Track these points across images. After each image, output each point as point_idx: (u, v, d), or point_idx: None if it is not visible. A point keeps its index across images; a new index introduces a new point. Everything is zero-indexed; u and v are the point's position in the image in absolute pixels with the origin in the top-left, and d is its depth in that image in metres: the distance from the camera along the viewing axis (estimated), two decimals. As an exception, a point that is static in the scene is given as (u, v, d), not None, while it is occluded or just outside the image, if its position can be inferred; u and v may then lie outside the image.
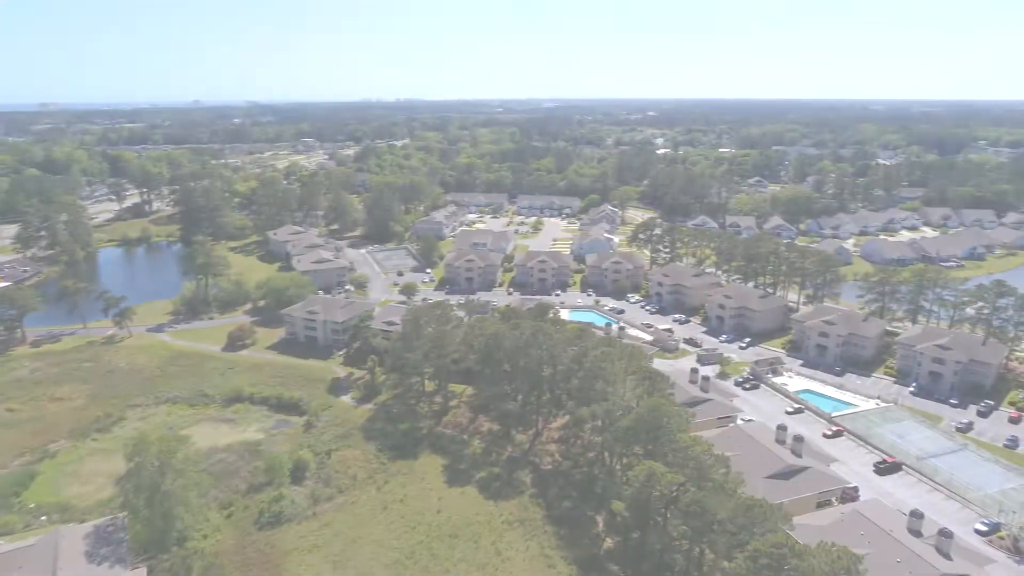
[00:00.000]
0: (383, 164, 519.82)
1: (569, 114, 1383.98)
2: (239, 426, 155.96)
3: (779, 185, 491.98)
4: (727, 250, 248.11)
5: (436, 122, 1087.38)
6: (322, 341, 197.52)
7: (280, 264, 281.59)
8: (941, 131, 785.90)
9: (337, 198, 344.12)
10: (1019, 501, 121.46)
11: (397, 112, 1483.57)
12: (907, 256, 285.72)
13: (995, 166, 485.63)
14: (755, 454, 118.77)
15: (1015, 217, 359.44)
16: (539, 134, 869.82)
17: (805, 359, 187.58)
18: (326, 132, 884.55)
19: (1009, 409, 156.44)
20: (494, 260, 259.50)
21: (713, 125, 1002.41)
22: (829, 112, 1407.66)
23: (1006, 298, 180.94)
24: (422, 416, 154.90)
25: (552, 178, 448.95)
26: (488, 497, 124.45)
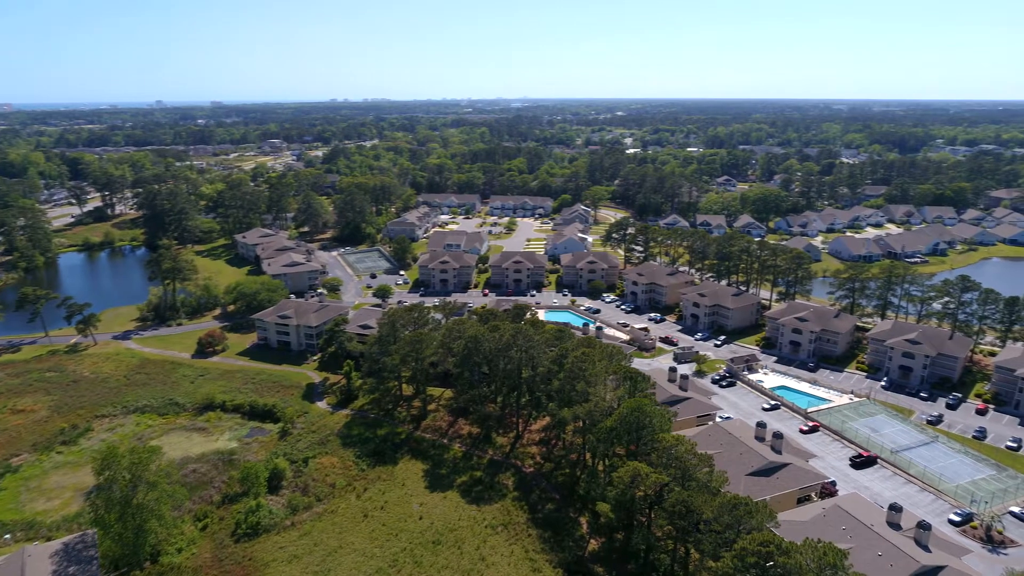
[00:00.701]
0: (353, 165, 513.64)
1: (538, 114, 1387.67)
2: (212, 435, 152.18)
3: (747, 184, 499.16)
4: (700, 249, 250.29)
5: (405, 122, 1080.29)
6: (295, 346, 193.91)
7: (250, 268, 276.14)
8: (901, 131, 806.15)
9: (307, 200, 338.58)
10: (989, 491, 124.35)
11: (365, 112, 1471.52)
12: (874, 253, 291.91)
13: (953, 164, 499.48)
14: (736, 452, 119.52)
15: (973, 214, 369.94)
16: (509, 134, 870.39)
17: (779, 355, 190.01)
18: (293, 133, 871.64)
19: (976, 401, 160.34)
20: (469, 261, 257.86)
21: (681, 125, 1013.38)
22: (793, 112, 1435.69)
23: (970, 293, 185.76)
24: (400, 421, 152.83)
25: (524, 178, 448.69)
26: (470, 501, 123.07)
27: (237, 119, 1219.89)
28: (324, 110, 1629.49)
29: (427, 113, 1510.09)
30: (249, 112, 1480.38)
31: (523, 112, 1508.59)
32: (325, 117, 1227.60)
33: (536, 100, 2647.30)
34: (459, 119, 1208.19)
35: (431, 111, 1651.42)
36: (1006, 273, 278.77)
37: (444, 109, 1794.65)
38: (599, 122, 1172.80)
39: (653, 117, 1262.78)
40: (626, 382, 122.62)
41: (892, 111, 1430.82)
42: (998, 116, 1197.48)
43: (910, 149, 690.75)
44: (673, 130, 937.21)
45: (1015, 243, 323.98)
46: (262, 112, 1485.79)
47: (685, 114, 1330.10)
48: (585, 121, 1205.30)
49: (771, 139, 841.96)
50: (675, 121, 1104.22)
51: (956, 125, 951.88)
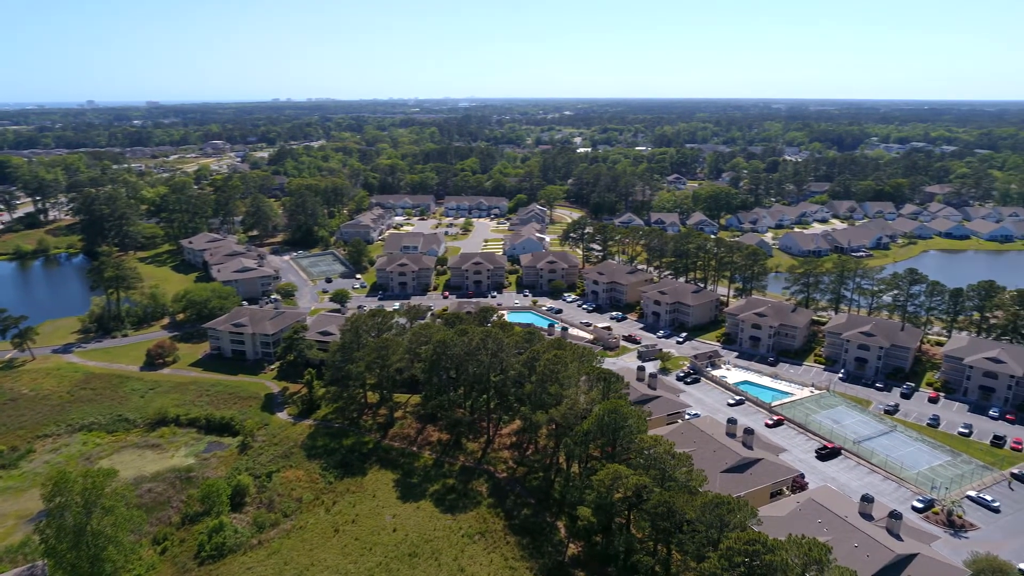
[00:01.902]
0: (301, 166, 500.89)
1: (487, 114, 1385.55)
2: (166, 451, 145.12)
3: (696, 182, 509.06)
4: (657, 247, 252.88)
5: (352, 123, 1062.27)
6: (251, 355, 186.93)
7: (198, 274, 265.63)
8: (839, 129, 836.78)
9: (256, 203, 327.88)
10: (947, 477, 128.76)
11: (310, 112, 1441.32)
12: (822, 247, 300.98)
13: (889, 161, 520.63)
14: (709, 449, 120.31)
15: (911, 208, 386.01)
16: (459, 134, 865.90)
17: (740, 351, 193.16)
18: (236, 134, 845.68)
19: (928, 390, 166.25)
20: (427, 263, 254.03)
21: (628, 124, 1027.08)
22: (735, 111, 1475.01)
23: (918, 285, 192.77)
24: (367, 429, 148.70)
25: (478, 178, 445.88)
26: (444, 510, 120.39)
27: (175, 120, 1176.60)
28: (267, 110, 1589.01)
29: (374, 113, 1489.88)
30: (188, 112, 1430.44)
31: (471, 112, 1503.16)
32: (269, 117, 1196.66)
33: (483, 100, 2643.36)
34: (407, 119, 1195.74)
35: (378, 111, 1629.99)
36: (944, 265, 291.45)
37: (391, 109, 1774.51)
38: (547, 122, 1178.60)
39: (600, 116, 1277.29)
40: (599, 383, 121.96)
41: (827, 110, 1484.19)
42: (925, 115, 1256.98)
43: (848, 147, 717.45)
44: (621, 129, 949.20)
45: (950, 236, 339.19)
46: (202, 112, 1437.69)
47: (631, 113, 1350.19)
48: (534, 121, 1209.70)
49: (716, 138, 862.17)
50: (622, 120, 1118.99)
51: (888, 124, 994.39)
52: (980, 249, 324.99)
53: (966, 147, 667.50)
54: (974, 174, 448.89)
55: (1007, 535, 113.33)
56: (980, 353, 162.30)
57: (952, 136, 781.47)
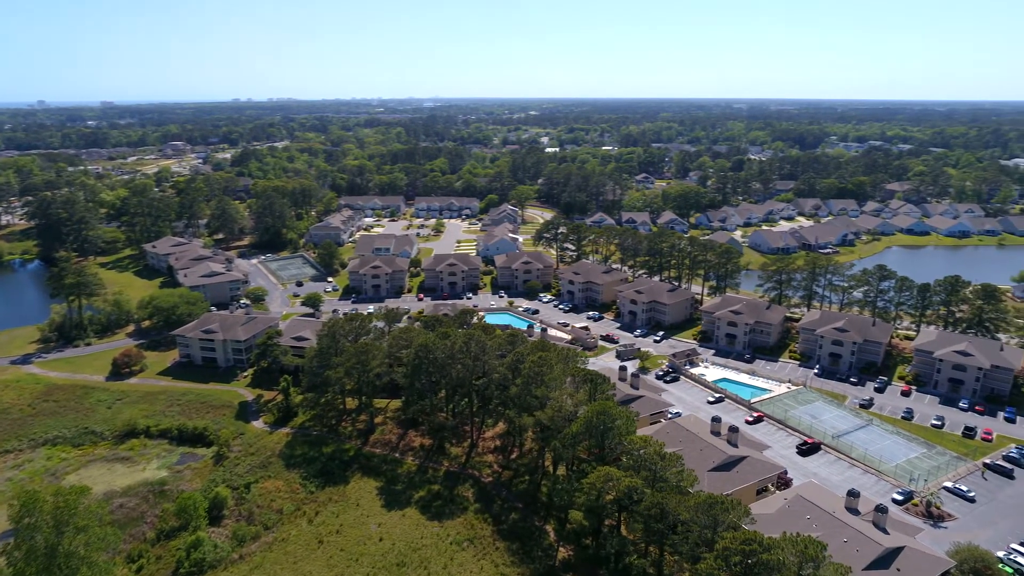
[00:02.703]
0: (266, 168, 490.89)
1: (452, 114, 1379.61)
2: (137, 464, 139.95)
3: (664, 181, 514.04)
4: (631, 246, 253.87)
5: (316, 123, 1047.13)
6: (223, 362, 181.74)
7: (163, 279, 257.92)
8: (799, 128, 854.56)
9: (221, 205, 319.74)
10: (924, 469, 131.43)
11: (271, 113, 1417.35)
12: (790, 245, 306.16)
13: (850, 159, 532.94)
14: (695, 448, 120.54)
15: (873, 205, 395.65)
16: (426, 134, 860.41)
17: (716, 348, 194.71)
18: (196, 135, 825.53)
19: (900, 384, 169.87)
20: (401, 265, 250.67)
21: (594, 124, 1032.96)
22: (698, 111, 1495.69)
23: (887, 281, 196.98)
24: (346, 436, 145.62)
25: (448, 179, 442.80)
26: (431, 518, 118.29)
27: (132, 120, 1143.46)
28: (227, 110, 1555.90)
29: (338, 113, 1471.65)
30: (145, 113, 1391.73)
31: (437, 112, 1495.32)
32: (230, 118, 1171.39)
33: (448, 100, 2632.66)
34: (372, 119, 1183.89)
35: (342, 111, 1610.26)
36: (907, 260, 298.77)
37: (355, 109, 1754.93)
38: (514, 121, 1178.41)
39: (566, 116, 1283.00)
40: (585, 384, 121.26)
41: (787, 110, 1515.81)
42: (880, 115, 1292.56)
43: (809, 145, 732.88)
44: (588, 129, 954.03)
45: (911, 232, 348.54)
46: (159, 113, 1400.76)
47: (596, 113, 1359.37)
48: (500, 120, 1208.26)
49: (681, 137, 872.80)
50: (588, 120, 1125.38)
51: (846, 123, 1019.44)
52: (940, 245, 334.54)
53: (921, 146, 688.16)
54: (931, 172, 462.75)
55: (983, 524, 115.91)
56: (949, 347, 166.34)
57: (907, 135, 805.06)
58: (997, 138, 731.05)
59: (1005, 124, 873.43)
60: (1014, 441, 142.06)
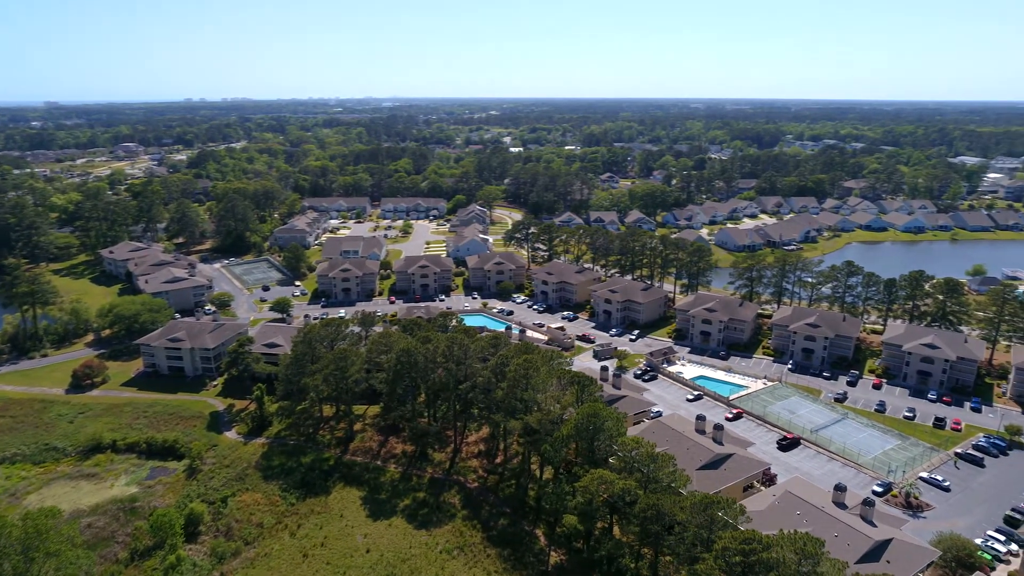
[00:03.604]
0: (224, 169, 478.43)
1: (413, 114, 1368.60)
2: (104, 481, 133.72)
3: (628, 180, 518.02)
4: (603, 246, 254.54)
5: (273, 123, 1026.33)
6: (191, 371, 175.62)
7: (121, 286, 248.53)
8: (757, 127, 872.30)
9: (181, 208, 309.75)
10: (900, 460, 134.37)
11: (226, 113, 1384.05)
12: (756, 242, 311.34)
13: (807, 158, 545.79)
14: (682, 447, 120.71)
15: (832, 203, 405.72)
16: (387, 134, 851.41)
17: (691, 346, 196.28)
18: (150, 136, 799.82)
19: (871, 377, 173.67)
20: (371, 268, 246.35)
21: (556, 124, 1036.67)
22: (657, 110, 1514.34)
23: (855, 277, 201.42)
24: (325, 445, 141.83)
25: (414, 179, 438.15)
26: (418, 526, 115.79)
27: (79, 121, 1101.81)
28: (180, 111, 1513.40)
29: (295, 113, 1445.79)
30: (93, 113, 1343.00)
31: (397, 111, 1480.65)
32: (183, 118, 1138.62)
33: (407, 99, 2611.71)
34: (331, 119, 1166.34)
35: (299, 111, 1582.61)
36: (867, 255, 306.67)
37: (312, 109, 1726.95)
38: (475, 121, 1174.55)
39: (527, 116, 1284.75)
40: (572, 386, 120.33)
41: (743, 109, 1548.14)
42: (832, 114, 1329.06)
43: (766, 144, 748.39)
44: (550, 129, 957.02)
45: (869, 228, 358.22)
46: (108, 113, 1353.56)
47: (557, 113, 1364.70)
48: (461, 120, 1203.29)
49: (642, 136, 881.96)
50: (549, 120, 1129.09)
51: (800, 122, 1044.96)
52: (897, 240, 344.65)
53: (873, 144, 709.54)
54: (885, 170, 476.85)
55: (959, 513, 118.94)
56: (917, 340, 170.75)
57: (859, 134, 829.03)
58: (943, 136, 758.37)
59: (949, 123, 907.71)
60: (981, 430, 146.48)
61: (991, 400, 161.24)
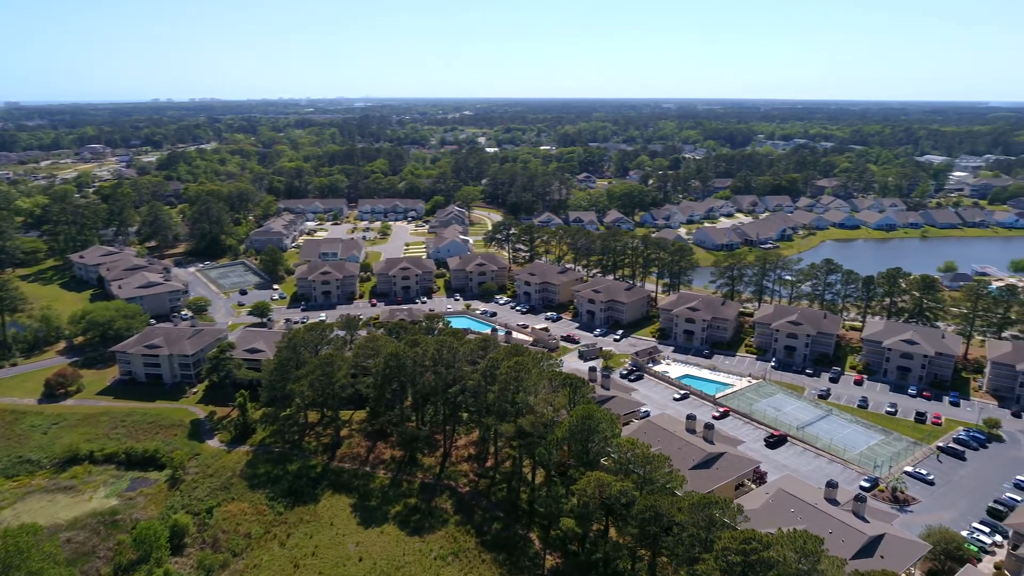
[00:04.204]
0: (196, 171, 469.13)
1: (385, 114, 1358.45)
2: (83, 494, 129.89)
3: (606, 180, 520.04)
4: (584, 246, 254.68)
5: (244, 124, 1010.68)
6: (169, 379, 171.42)
7: (93, 292, 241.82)
8: (729, 127, 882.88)
9: (153, 211, 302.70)
10: (885, 455, 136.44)
11: (195, 114, 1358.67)
12: (734, 241, 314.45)
13: (780, 157, 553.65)
14: (674, 447, 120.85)
15: (806, 201, 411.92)
16: (361, 135, 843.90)
17: (675, 345, 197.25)
18: (117, 137, 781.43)
19: (852, 373, 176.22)
20: (351, 271, 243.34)
21: (530, 124, 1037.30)
22: (629, 110, 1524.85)
23: (834, 275, 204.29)
24: (312, 452, 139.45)
25: (391, 180, 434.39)
26: (411, 533, 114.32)
27: (42, 122, 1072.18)
28: (147, 111, 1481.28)
29: (265, 113, 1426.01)
30: (56, 114, 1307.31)
31: (369, 111, 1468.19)
32: (150, 119, 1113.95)
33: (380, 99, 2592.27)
34: (303, 119, 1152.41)
35: (269, 111, 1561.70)
36: (842, 253, 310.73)
37: (283, 109, 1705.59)
38: (449, 122, 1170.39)
39: (501, 116, 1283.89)
40: (563, 388, 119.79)
41: (714, 109, 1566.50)
42: (800, 114, 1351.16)
43: (738, 144, 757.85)
44: (524, 129, 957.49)
45: (843, 226, 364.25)
46: (72, 114, 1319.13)
47: (531, 113, 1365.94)
48: (435, 121, 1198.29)
49: (616, 136, 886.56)
50: (524, 120, 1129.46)
51: (770, 122, 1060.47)
52: (869, 238, 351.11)
53: (842, 143, 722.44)
54: (856, 168, 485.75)
55: (944, 506, 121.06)
56: (896, 336, 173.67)
57: (828, 133, 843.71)
58: (909, 136, 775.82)
59: (914, 123, 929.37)
60: (961, 424, 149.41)
61: (968, 394, 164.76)
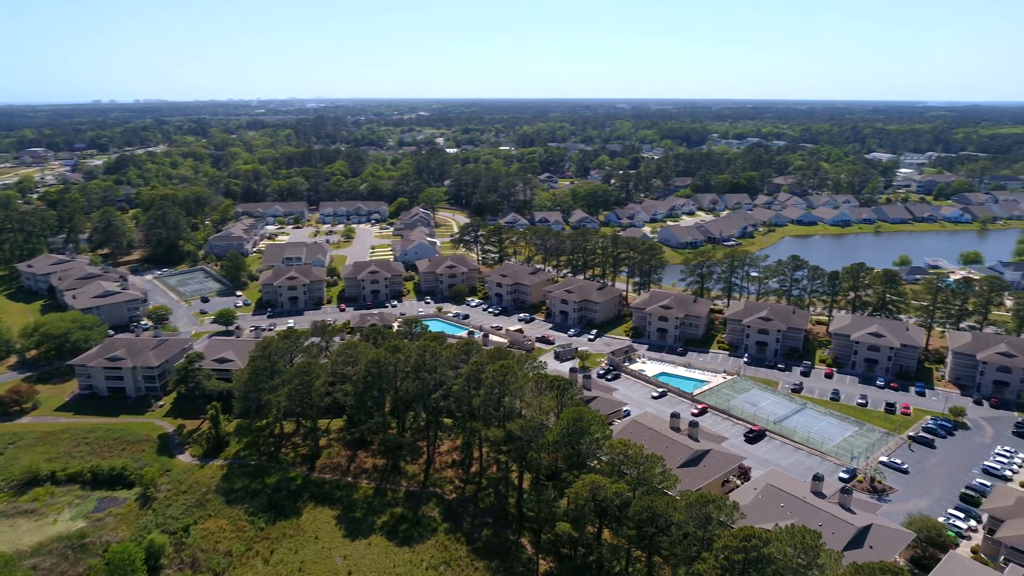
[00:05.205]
0: (147, 175, 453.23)
1: (340, 115, 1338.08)
2: (46, 517, 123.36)
3: (567, 180, 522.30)
4: (555, 246, 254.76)
5: (193, 126, 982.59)
6: (132, 392, 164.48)
7: (43, 302, 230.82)
8: (684, 127, 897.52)
9: (106, 217, 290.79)
10: (861, 446, 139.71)
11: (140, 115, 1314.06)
12: (698, 239, 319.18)
13: (736, 156, 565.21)
14: (660, 445, 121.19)
15: (764, 199, 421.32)
16: (316, 136, 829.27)
17: (649, 343, 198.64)
18: (59, 140, 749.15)
19: (822, 367, 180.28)
20: (318, 275, 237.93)
21: (487, 124, 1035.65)
22: (585, 110, 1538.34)
23: (800, 271, 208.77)
24: (290, 463, 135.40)
25: (352, 182, 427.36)
26: (400, 543, 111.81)
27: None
28: (89, 113, 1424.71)
29: (215, 115, 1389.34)
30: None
31: (323, 112, 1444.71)
32: (94, 121, 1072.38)
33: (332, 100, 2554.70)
34: (255, 120, 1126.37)
35: (219, 113, 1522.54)
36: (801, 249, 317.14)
37: (234, 110, 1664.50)
38: (405, 122, 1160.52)
39: (458, 117, 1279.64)
40: (550, 390, 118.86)
41: (668, 109, 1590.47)
42: (751, 112, 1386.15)
43: (694, 143, 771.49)
44: (483, 129, 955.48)
45: (800, 223, 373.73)
46: (7, 116, 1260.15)
47: (488, 114, 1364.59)
48: (391, 122, 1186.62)
49: (574, 136, 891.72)
50: (481, 120, 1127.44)
51: (723, 121, 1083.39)
52: (826, 233, 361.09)
53: (794, 142, 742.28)
54: (809, 166, 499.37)
55: (919, 494, 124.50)
56: (863, 329, 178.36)
57: (780, 132, 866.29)
58: (855, 134, 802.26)
59: (859, 122, 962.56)
60: (929, 413, 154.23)
61: (932, 384, 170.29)
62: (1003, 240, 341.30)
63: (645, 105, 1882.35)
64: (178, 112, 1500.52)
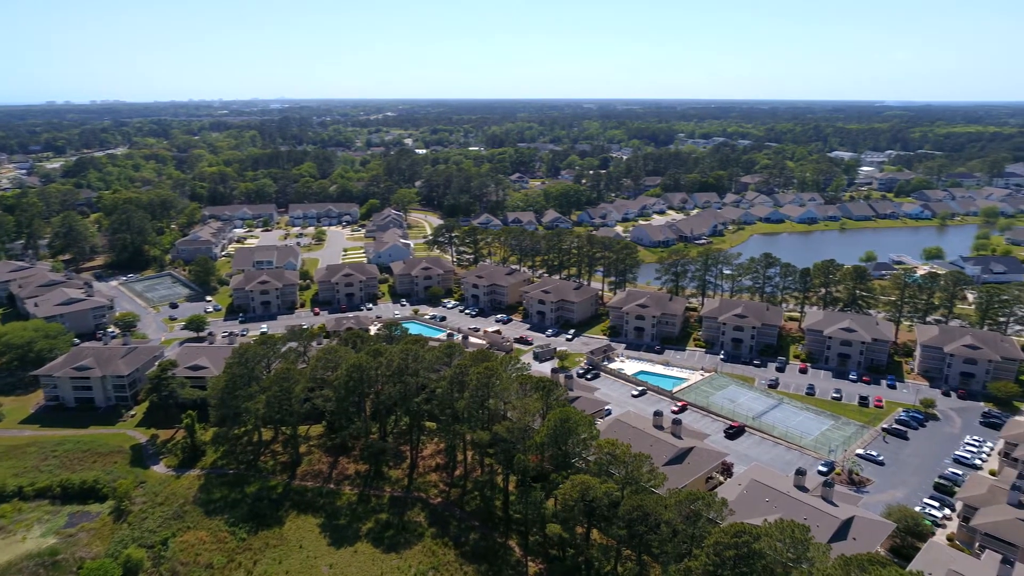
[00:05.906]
0: (108, 178, 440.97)
1: (305, 115, 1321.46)
2: (14, 534, 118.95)
3: (538, 180, 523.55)
4: (530, 247, 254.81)
5: (154, 127, 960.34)
6: (102, 402, 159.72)
7: (3, 311, 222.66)
8: (652, 127, 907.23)
9: (67, 222, 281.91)
10: (838, 440, 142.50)
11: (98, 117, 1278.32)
12: (670, 238, 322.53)
13: (704, 155, 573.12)
14: (646, 444, 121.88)
15: (732, 197, 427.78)
16: (282, 137, 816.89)
17: (626, 342, 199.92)
18: (12, 143, 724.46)
19: (797, 362, 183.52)
20: (291, 279, 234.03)
21: (455, 125, 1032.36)
22: (552, 111, 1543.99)
23: (772, 268, 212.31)
24: (269, 472, 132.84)
25: (321, 184, 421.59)
26: (386, 550, 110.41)
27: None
28: (44, 114, 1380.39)
29: (176, 116, 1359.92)
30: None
31: (288, 113, 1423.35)
32: (49, 122, 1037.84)
33: (296, 100, 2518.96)
34: (218, 122, 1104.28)
35: (180, 114, 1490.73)
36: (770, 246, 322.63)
37: (195, 112, 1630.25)
38: (372, 123, 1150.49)
39: (426, 117, 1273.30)
40: (536, 391, 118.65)
41: (633, 109, 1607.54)
42: (715, 113, 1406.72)
43: (662, 143, 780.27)
44: (451, 130, 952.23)
45: (768, 221, 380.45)
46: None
47: (455, 114, 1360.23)
48: (358, 122, 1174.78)
49: (543, 136, 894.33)
50: (449, 121, 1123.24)
51: (688, 121, 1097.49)
52: (793, 231, 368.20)
53: (759, 141, 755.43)
54: (775, 165, 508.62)
55: (895, 484, 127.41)
56: (835, 325, 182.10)
57: (745, 131, 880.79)
58: (817, 133, 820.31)
59: (821, 121, 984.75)
60: (900, 405, 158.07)
61: (902, 376, 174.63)
62: (961, 236, 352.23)
63: (611, 105, 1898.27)
64: (137, 113, 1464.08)
